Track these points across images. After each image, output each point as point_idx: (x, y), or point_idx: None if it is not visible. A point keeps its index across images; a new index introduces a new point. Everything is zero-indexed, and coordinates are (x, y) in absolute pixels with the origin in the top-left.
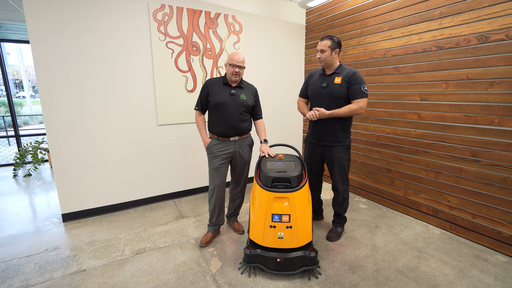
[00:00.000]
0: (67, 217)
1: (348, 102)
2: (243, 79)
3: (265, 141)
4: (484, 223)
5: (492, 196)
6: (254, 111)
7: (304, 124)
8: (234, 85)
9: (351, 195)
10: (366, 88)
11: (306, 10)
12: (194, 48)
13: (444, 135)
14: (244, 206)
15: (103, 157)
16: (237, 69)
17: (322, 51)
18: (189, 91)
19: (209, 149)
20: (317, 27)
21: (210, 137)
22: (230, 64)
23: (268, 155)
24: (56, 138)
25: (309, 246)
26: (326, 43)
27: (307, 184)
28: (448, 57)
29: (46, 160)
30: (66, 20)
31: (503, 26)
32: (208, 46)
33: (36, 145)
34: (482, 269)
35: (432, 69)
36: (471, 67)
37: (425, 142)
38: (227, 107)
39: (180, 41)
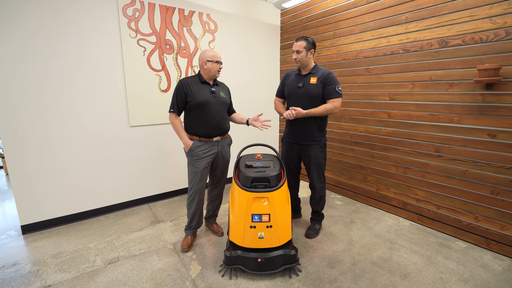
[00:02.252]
0: (28, 229)
1: (324, 101)
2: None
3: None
4: (447, 213)
5: (453, 188)
6: (229, 109)
7: (280, 124)
8: (211, 83)
9: (327, 192)
10: (340, 88)
11: (281, 10)
12: (168, 46)
13: (411, 133)
14: (223, 208)
15: (69, 162)
16: (221, 66)
17: (298, 52)
18: (163, 90)
19: (191, 151)
20: (292, 28)
21: (190, 139)
22: (215, 61)
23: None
24: (13, 142)
25: (289, 244)
26: (301, 44)
27: (286, 183)
28: (414, 60)
29: (1, 167)
30: (23, 12)
31: (460, 32)
32: (183, 44)
33: None
34: (446, 255)
35: (400, 71)
36: (434, 69)
37: (395, 139)
38: (212, 107)
39: (153, 38)
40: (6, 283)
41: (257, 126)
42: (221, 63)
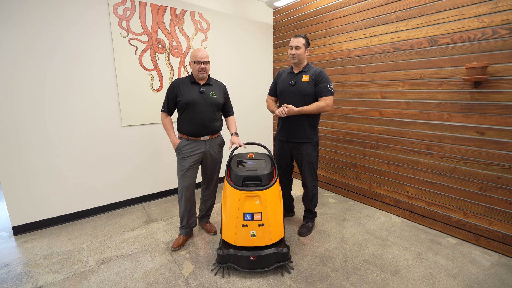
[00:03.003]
0: (19, 230)
1: (316, 99)
2: (212, 77)
3: (236, 133)
4: (437, 210)
5: (443, 185)
6: (225, 109)
7: (274, 123)
8: (202, 83)
9: (320, 190)
10: (332, 87)
11: (274, 9)
12: (160, 46)
13: (402, 131)
14: (216, 207)
15: (61, 162)
16: (202, 65)
17: (297, 47)
18: (155, 90)
19: (178, 149)
20: (285, 27)
21: (179, 137)
22: (194, 62)
23: (237, 154)
24: (2, 142)
25: (281, 242)
26: (301, 40)
27: (277, 181)
28: (404, 58)
29: None
30: (15, 12)
31: (449, 31)
32: (175, 43)
33: None
34: (436, 251)
35: (391, 69)
36: (424, 67)
37: (386, 137)
38: (198, 106)
39: (144, 37)
40: None
41: (232, 141)
42: (202, 62)
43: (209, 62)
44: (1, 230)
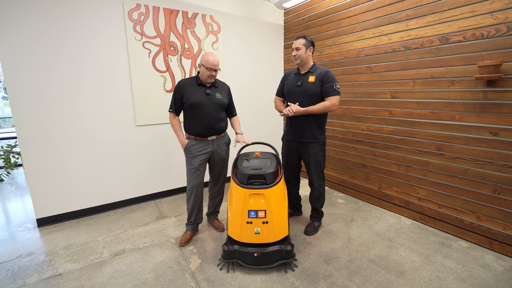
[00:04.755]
0: (42, 222)
1: (322, 99)
2: (217, 78)
3: (240, 132)
4: (449, 212)
5: (455, 187)
6: (228, 110)
7: (284, 123)
8: (208, 84)
9: (330, 190)
10: (338, 86)
11: (284, 10)
12: (172, 48)
13: (412, 131)
14: (224, 204)
15: (79, 159)
16: (214, 73)
17: (297, 49)
18: (167, 91)
19: (187, 149)
20: (295, 27)
21: (187, 138)
22: (207, 68)
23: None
24: (28, 141)
25: (285, 240)
26: (301, 41)
27: (282, 180)
28: (415, 57)
29: (20, 165)
30: (36, 17)
31: (461, 28)
32: (186, 46)
33: (8, 149)
34: (446, 254)
35: (401, 68)
36: (435, 66)
37: (396, 137)
38: (205, 107)
39: (157, 41)
40: (22, 271)
41: (237, 140)
42: (215, 70)
43: (220, 69)
44: (26, 222)
